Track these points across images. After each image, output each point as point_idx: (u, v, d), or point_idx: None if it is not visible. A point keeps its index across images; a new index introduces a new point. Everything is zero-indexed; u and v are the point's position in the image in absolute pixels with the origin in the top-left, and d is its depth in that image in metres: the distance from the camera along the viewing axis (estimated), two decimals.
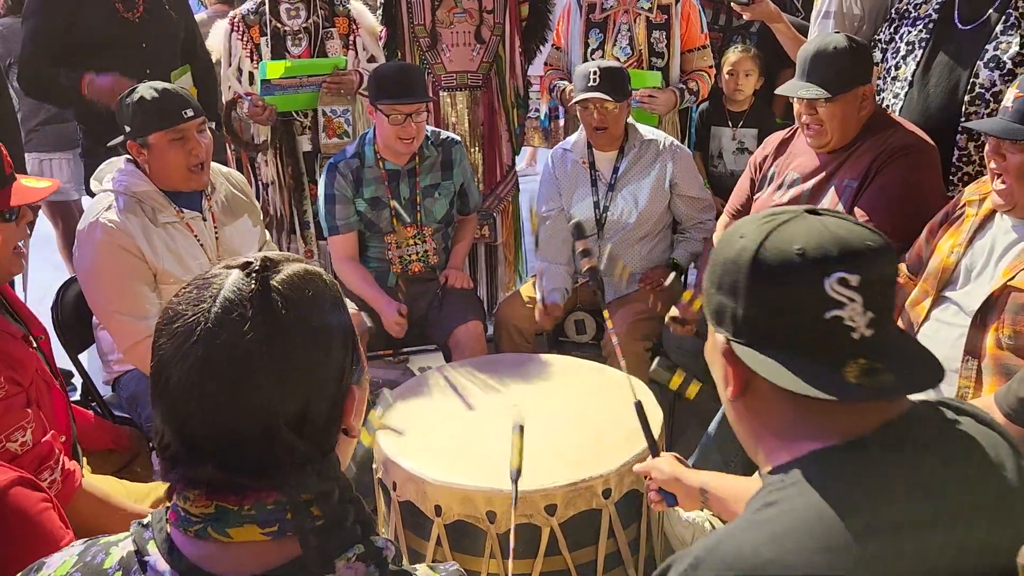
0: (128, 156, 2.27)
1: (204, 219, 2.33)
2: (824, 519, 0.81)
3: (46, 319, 2.29)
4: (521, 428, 1.73)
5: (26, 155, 3.50)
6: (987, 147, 1.85)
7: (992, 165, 1.84)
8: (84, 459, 2.02)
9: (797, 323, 0.88)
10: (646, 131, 2.87)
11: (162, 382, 0.80)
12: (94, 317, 2.40)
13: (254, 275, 0.80)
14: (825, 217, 0.92)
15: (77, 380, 2.56)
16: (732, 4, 2.93)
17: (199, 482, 0.80)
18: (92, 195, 2.33)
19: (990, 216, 1.90)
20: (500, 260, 3.59)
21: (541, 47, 3.42)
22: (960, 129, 2.34)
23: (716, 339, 0.96)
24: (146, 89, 2.18)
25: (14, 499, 1.35)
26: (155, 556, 0.81)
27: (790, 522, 0.83)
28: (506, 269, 3.61)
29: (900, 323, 1.99)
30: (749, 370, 0.91)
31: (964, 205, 2.00)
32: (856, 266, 0.87)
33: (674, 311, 2.59)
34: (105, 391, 2.48)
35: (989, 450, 0.88)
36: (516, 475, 1.68)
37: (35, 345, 1.86)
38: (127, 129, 2.20)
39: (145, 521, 0.85)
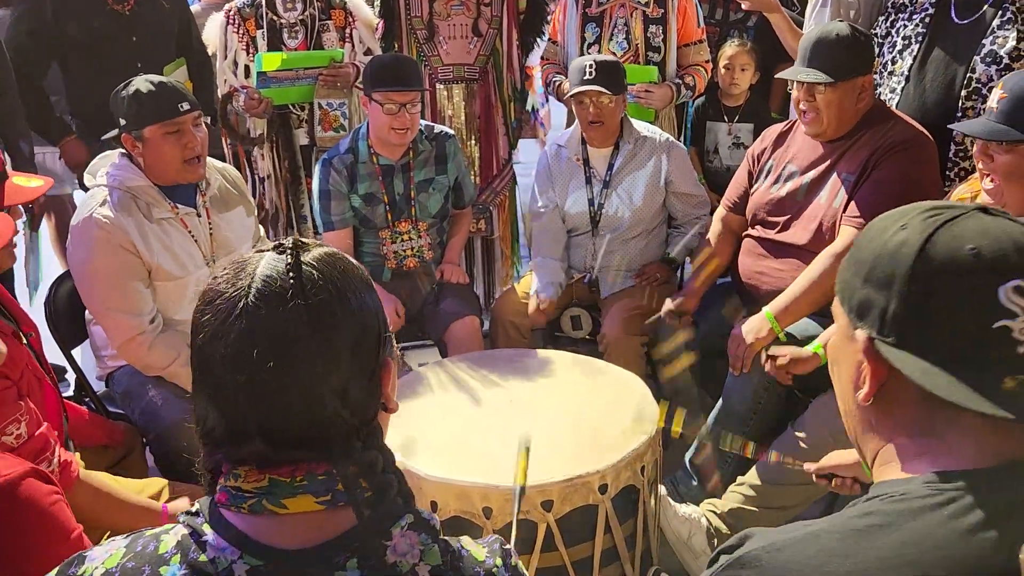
0: (122, 151, 2.25)
1: (199, 215, 2.31)
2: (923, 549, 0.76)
3: (39, 313, 2.28)
4: (527, 448, 1.72)
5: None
6: (975, 148, 1.85)
7: (980, 165, 1.84)
8: (77, 455, 2.01)
9: (959, 329, 0.80)
10: (641, 127, 2.85)
11: (205, 360, 0.82)
12: (87, 312, 2.39)
13: (287, 252, 0.84)
14: (999, 218, 0.84)
15: (70, 376, 2.54)
16: None
17: (247, 459, 0.82)
18: (85, 189, 2.31)
19: None
20: (497, 254, 3.58)
21: (539, 41, 3.40)
22: None
23: (854, 335, 0.87)
24: (142, 82, 2.16)
25: (26, 490, 1.36)
26: (211, 534, 0.83)
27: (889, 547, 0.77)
28: (503, 263, 3.60)
29: None
30: (888, 372, 0.84)
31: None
32: None
33: (669, 304, 2.58)
34: (98, 387, 2.47)
35: None
36: (520, 492, 1.67)
37: (25, 341, 1.85)
38: (122, 122, 2.19)
39: (194, 509, 0.87)
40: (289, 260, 0.82)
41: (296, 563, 0.81)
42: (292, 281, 0.81)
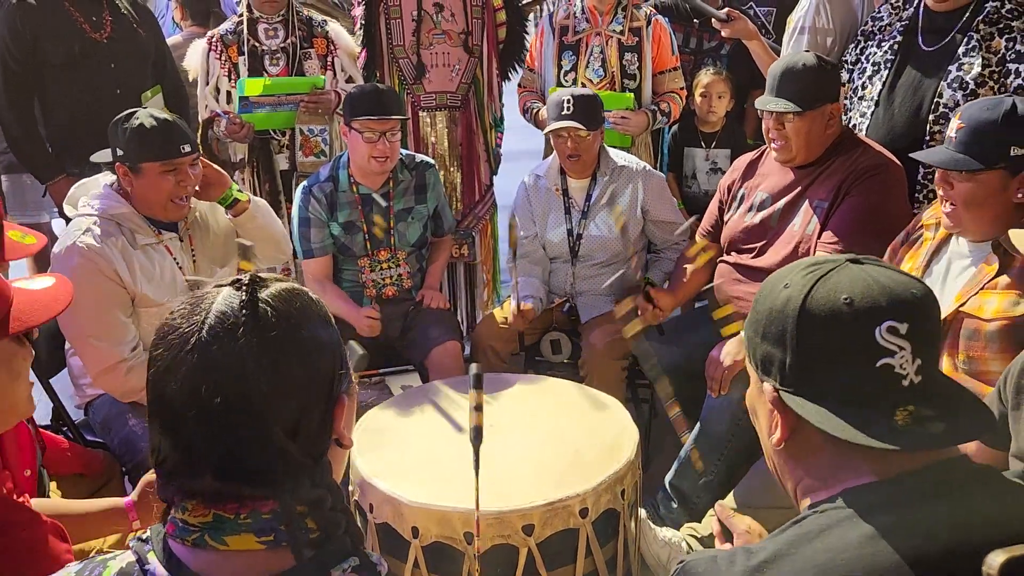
0: (107, 183, 2.26)
1: (181, 239, 2.32)
2: (864, 544, 0.83)
3: None
4: (479, 377, 1.62)
5: None
6: (936, 176, 1.89)
7: (940, 192, 1.88)
8: (53, 483, 1.99)
9: (847, 372, 0.89)
10: (618, 157, 2.88)
11: (158, 392, 0.83)
12: (66, 340, 2.38)
13: (244, 289, 0.84)
14: (867, 266, 0.93)
15: (48, 404, 2.51)
16: (712, 22, 2.98)
17: (197, 492, 0.82)
18: (64, 217, 2.31)
19: (946, 240, 1.94)
20: (479, 280, 3.59)
21: (517, 68, 3.45)
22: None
23: (763, 388, 0.96)
24: (146, 116, 2.16)
25: (53, 546, 1.38)
26: (155, 564, 0.83)
27: (835, 545, 0.85)
28: (483, 288, 3.61)
29: None
30: (796, 418, 0.92)
31: (922, 227, 2.04)
32: (904, 314, 0.88)
33: (635, 326, 2.59)
34: (77, 415, 2.45)
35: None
36: (477, 437, 1.61)
37: None
38: (119, 152, 2.18)
39: (144, 536, 0.87)
40: (244, 296, 0.83)
41: None
42: (245, 317, 0.81)
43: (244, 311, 0.82)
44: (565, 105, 2.67)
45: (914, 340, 0.88)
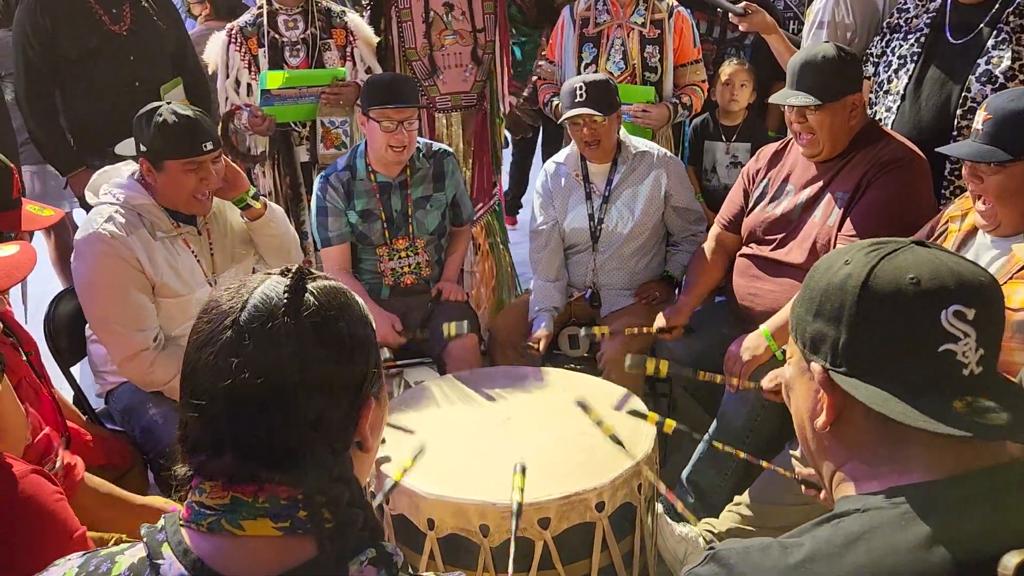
0: (130, 172, 2.27)
1: (199, 232, 2.33)
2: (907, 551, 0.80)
3: (38, 331, 2.28)
4: (523, 469, 1.75)
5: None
6: (964, 170, 1.87)
7: (970, 187, 1.85)
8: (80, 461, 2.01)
9: (906, 355, 0.85)
10: (638, 143, 2.87)
11: (193, 364, 0.84)
12: (87, 329, 2.40)
13: (291, 277, 0.86)
14: (934, 250, 0.89)
15: (69, 393, 2.54)
16: (729, 16, 2.95)
17: (217, 472, 0.83)
18: (85, 207, 2.33)
19: (972, 232, 1.91)
20: (483, 299, 3.51)
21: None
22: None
23: (810, 368, 0.92)
24: (169, 113, 2.16)
25: (30, 487, 1.36)
26: (169, 559, 0.83)
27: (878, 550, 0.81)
28: (487, 291, 3.54)
29: None
30: (844, 400, 0.88)
31: (947, 221, 2.01)
32: (972, 300, 0.84)
33: (660, 321, 2.58)
34: (97, 404, 2.47)
35: None
36: (517, 510, 1.69)
37: (24, 358, 1.86)
38: (142, 148, 2.20)
39: (158, 525, 0.87)
40: (289, 283, 0.85)
41: None
42: (286, 302, 0.83)
43: (286, 296, 0.84)
44: (578, 92, 2.66)
45: (979, 328, 0.84)
